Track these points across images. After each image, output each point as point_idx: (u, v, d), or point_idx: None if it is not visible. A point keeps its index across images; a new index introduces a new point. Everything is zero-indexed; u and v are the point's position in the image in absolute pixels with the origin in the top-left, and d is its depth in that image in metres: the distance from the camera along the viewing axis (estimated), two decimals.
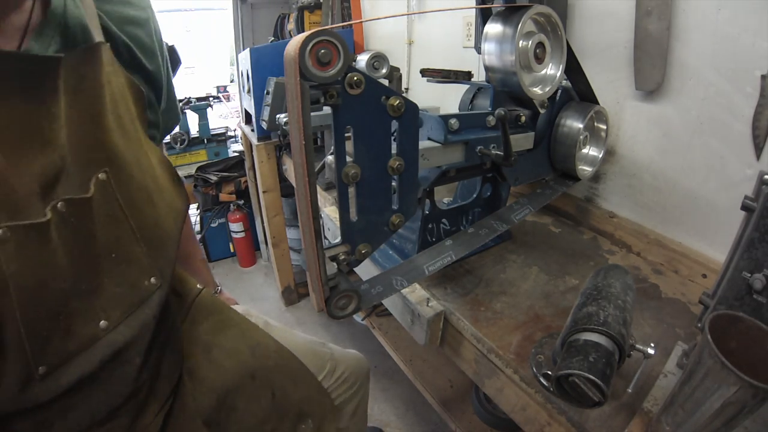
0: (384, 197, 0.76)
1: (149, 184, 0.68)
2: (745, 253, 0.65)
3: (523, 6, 0.93)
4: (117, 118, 0.63)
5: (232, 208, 3.37)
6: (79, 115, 0.58)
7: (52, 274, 0.55)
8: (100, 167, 0.60)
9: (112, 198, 0.61)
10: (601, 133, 1.19)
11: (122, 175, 0.63)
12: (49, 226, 0.54)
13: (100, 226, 0.60)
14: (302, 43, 0.54)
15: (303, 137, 0.59)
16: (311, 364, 1.06)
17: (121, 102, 0.65)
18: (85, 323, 0.60)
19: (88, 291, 0.60)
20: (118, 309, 0.64)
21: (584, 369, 0.63)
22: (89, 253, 0.59)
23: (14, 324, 0.52)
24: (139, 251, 0.66)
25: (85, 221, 0.58)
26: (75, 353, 0.59)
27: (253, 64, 2.16)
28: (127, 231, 0.64)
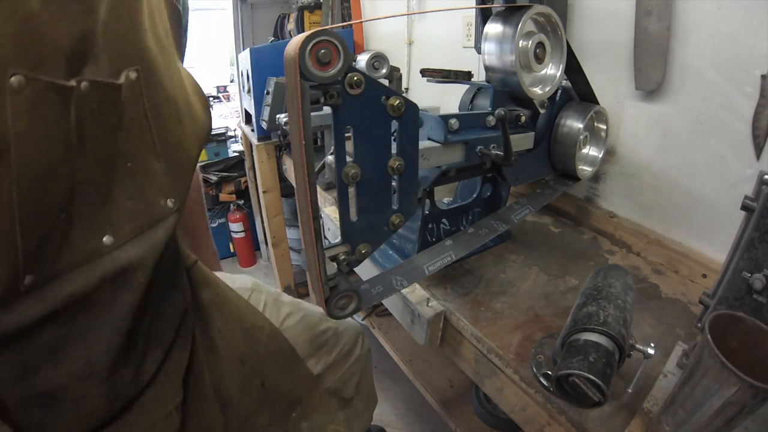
0: (384, 197, 0.76)
1: (179, 100, 0.63)
2: (745, 253, 0.65)
3: (523, 6, 0.93)
4: (152, 24, 0.58)
5: (232, 208, 3.38)
6: (119, 4, 0.51)
7: (63, 158, 0.47)
8: (132, 64, 0.53)
9: (139, 101, 0.55)
10: (601, 133, 1.19)
11: (152, 80, 0.57)
12: (71, 94, 0.46)
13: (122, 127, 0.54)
14: (302, 43, 0.54)
15: (303, 137, 0.59)
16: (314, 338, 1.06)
17: (156, 11, 0.60)
18: (88, 234, 0.52)
19: (97, 197, 0.52)
20: (128, 225, 0.56)
21: (584, 369, 0.63)
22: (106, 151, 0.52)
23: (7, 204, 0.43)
24: (158, 167, 0.59)
25: (107, 112, 0.51)
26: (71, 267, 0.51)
27: (253, 64, 2.16)
28: (148, 141, 0.57)
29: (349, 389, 1.24)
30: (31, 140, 0.43)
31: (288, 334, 1.02)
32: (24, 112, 0.42)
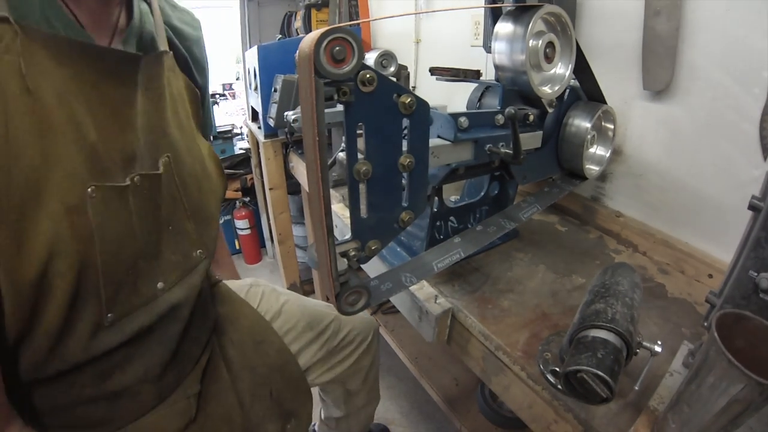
0: (394, 194, 0.77)
1: (198, 171, 0.82)
2: (751, 252, 0.65)
3: (534, 5, 0.93)
4: (174, 114, 0.77)
5: (238, 205, 3.39)
6: (150, 106, 0.71)
7: (128, 233, 0.66)
8: (165, 152, 0.73)
9: (172, 179, 0.74)
10: (608, 133, 1.20)
11: (178, 161, 0.76)
12: (128, 190, 0.65)
13: (164, 201, 0.73)
14: (318, 40, 0.55)
15: (316, 134, 0.59)
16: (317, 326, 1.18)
17: (178, 100, 0.79)
18: (148, 282, 0.72)
19: (152, 255, 0.72)
20: (174, 273, 0.76)
21: (593, 365, 0.64)
22: (155, 221, 0.71)
23: (95, 270, 0.62)
24: (190, 227, 0.79)
25: (153, 194, 0.70)
26: (138, 307, 0.71)
27: (260, 61, 2.16)
28: (180, 208, 0.77)
29: (356, 382, 1.27)
30: (107, 227, 0.62)
31: (287, 316, 1.15)
32: (99, 210, 0.60)
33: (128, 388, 0.75)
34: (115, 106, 0.65)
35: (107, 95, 0.63)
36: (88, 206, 0.59)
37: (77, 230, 0.59)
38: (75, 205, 0.58)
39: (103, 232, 0.61)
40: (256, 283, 1.22)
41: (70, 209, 0.58)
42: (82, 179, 0.58)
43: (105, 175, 0.62)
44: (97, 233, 0.61)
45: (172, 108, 0.76)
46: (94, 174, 0.60)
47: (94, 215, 0.60)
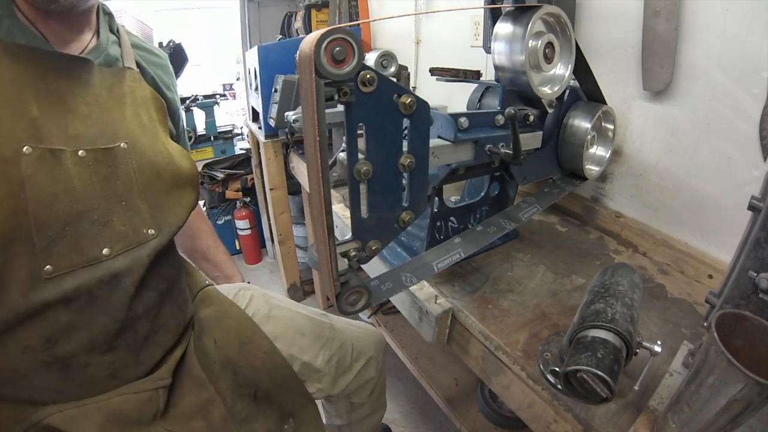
0: (395, 194, 0.77)
1: (161, 163, 0.91)
2: (751, 252, 0.65)
3: (533, 6, 0.93)
4: (136, 115, 0.90)
5: (239, 206, 3.39)
6: (110, 105, 0.85)
7: (65, 191, 0.75)
8: (123, 139, 0.85)
9: (129, 162, 0.85)
10: (608, 133, 1.20)
11: (136, 149, 0.87)
12: (64, 154, 0.75)
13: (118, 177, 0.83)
14: (318, 41, 0.55)
15: (317, 134, 0.59)
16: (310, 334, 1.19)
17: (141, 106, 0.92)
18: (91, 245, 0.79)
19: (99, 222, 0.80)
20: (121, 243, 0.83)
21: (592, 365, 0.64)
22: (104, 192, 0.81)
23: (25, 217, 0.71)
24: (143, 207, 0.87)
25: (101, 168, 0.81)
26: (78, 265, 0.77)
27: (261, 61, 2.17)
28: (135, 189, 0.86)
29: (362, 396, 1.28)
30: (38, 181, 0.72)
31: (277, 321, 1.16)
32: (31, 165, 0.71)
33: (75, 357, 0.80)
34: (60, 95, 0.77)
35: (53, 85, 0.77)
36: (21, 160, 0.70)
37: (7, 177, 0.69)
38: (8, 158, 0.69)
39: (34, 184, 0.71)
40: (246, 287, 1.24)
41: (3, 159, 0.68)
42: (18, 138, 0.70)
43: (42, 141, 0.73)
44: (28, 184, 0.70)
45: (133, 110, 0.90)
46: (32, 139, 0.72)
47: (25, 168, 0.70)
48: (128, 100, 0.89)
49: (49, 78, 0.76)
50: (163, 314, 0.94)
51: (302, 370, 1.14)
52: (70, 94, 0.79)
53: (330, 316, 1.28)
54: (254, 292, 1.22)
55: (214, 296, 1.14)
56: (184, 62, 3.69)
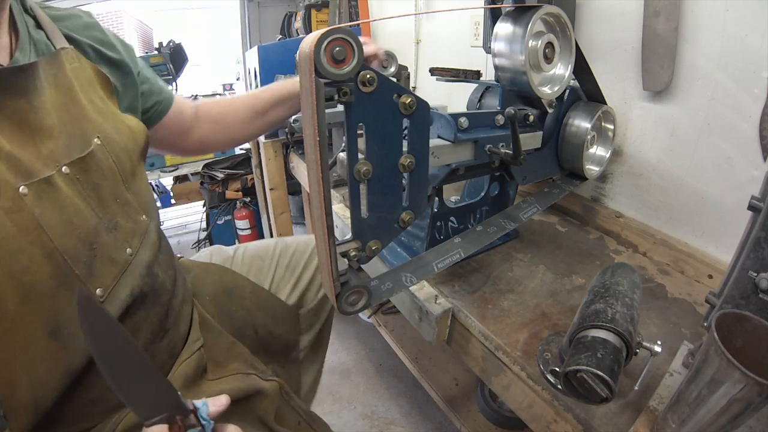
0: (395, 194, 0.77)
1: (128, 144, 0.87)
2: (751, 252, 0.65)
3: (533, 6, 0.93)
4: (90, 101, 0.83)
5: (239, 206, 3.38)
6: (64, 101, 0.77)
7: (74, 213, 0.72)
8: (94, 134, 0.79)
9: (108, 155, 0.81)
10: (608, 133, 1.20)
11: (108, 139, 0.82)
12: (55, 178, 0.70)
13: (106, 177, 0.79)
14: (318, 41, 0.55)
15: (317, 134, 0.59)
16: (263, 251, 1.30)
17: (89, 89, 0.85)
18: (118, 251, 0.78)
19: (111, 227, 0.78)
20: (135, 238, 0.83)
21: (592, 365, 0.64)
22: (101, 198, 0.78)
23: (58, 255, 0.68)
24: (129, 197, 0.84)
25: (89, 175, 0.76)
26: (118, 275, 0.77)
27: (261, 61, 2.17)
28: (120, 180, 0.83)
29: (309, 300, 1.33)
30: (48, 215, 0.67)
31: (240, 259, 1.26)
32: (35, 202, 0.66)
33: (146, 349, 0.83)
34: (19, 118, 0.69)
35: (9, 110, 0.68)
36: (25, 202, 0.65)
37: (21, 225, 0.64)
38: (10, 207, 0.64)
39: (48, 219, 0.67)
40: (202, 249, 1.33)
41: (8, 210, 0.63)
42: (9, 184, 0.64)
43: (31, 174, 0.67)
44: (43, 222, 0.66)
45: (86, 96, 0.82)
46: (20, 176, 0.66)
47: (33, 208, 0.66)
48: (77, 87, 0.81)
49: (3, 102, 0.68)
50: (179, 283, 0.98)
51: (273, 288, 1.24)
52: (32, 110, 0.72)
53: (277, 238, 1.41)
54: (211, 250, 1.30)
55: (189, 264, 1.19)
56: (184, 62, 3.70)
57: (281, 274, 1.28)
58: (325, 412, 2.17)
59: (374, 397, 2.27)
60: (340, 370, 2.42)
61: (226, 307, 1.11)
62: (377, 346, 2.56)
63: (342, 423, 2.13)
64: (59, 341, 0.68)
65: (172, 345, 0.91)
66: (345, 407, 2.22)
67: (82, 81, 0.83)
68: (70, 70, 0.81)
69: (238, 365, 0.98)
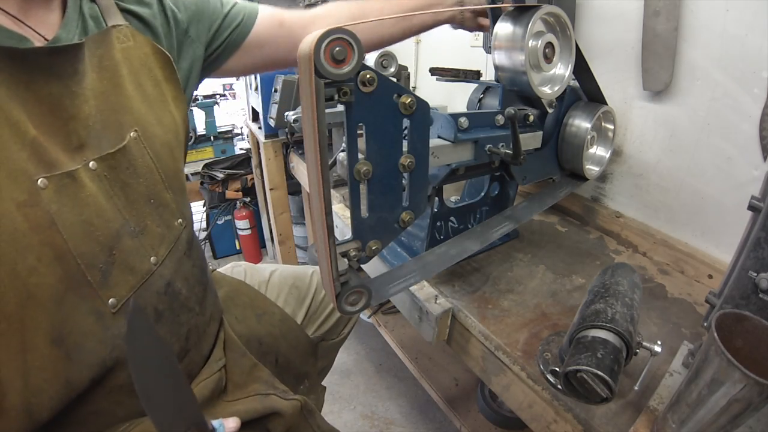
0: (395, 194, 0.77)
1: (171, 140, 0.81)
2: (751, 252, 0.65)
3: (533, 6, 0.93)
4: (138, 86, 0.76)
5: (239, 206, 3.39)
6: (105, 87, 0.71)
7: (96, 213, 0.66)
8: (131, 127, 0.73)
9: (144, 151, 0.75)
10: (608, 133, 1.20)
11: (148, 133, 0.76)
12: (80, 173, 0.65)
13: (139, 175, 0.74)
14: (318, 41, 0.55)
15: (317, 134, 0.59)
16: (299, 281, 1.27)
17: (141, 70, 0.78)
18: (140, 259, 0.73)
19: (138, 231, 0.73)
20: (163, 246, 0.78)
21: (592, 365, 0.64)
22: (130, 198, 0.72)
23: (70, 258, 0.63)
24: (168, 197, 0.80)
25: (118, 172, 0.71)
26: (136, 285, 0.72)
27: None
28: (158, 179, 0.77)
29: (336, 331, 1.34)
30: (66, 212, 0.62)
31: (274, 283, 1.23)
32: (53, 198, 0.61)
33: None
34: (52, 102, 0.64)
35: (41, 93, 0.62)
36: (42, 197, 0.60)
37: (33, 222, 0.59)
38: (25, 200, 0.58)
39: (64, 218, 0.62)
40: (236, 264, 1.28)
41: (21, 204, 0.58)
42: (27, 175, 0.59)
43: (54, 165, 0.62)
44: (58, 221, 0.61)
45: (134, 81, 0.76)
46: (41, 167, 0.61)
47: (49, 204, 0.60)
48: (124, 71, 0.74)
49: (36, 83, 0.62)
50: (208, 303, 0.93)
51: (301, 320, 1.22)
52: (68, 95, 0.65)
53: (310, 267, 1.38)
54: (246, 267, 1.27)
55: (221, 278, 1.16)
56: None
57: (315, 308, 1.26)
58: (325, 412, 2.15)
59: (374, 397, 2.27)
60: (340, 370, 2.42)
61: (255, 330, 1.08)
62: (377, 346, 2.56)
63: (342, 423, 2.13)
64: (62, 350, 0.64)
65: (191, 366, 0.88)
66: (345, 407, 2.22)
67: (133, 62, 0.76)
68: (120, 50, 0.74)
69: (258, 386, 0.95)
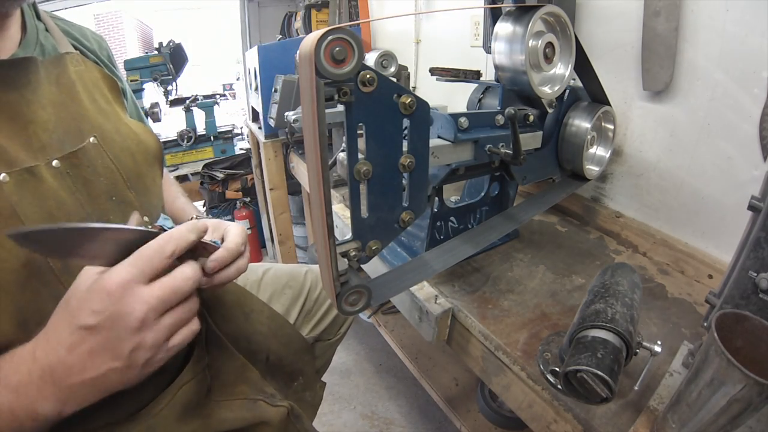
0: (395, 194, 0.77)
1: (131, 146, 0.88)
2: (751, 252, 0.65)
3: (533, 6, 0.93)
4: (92, 101, 0.85)
5: (239, 206, 3.39)
6: (64, 99, 0.79)
7: (56, 206, 0.71)
8: (90, 133, 0.80)
9: (104, 154, 0.81)
10: (608, 133, 1.20)
11: (107, 139, 0.83)
12: (40, 169, 0.70)
13: (100, 174, 0.79)
14: (318, 40, 0.55)
15: (317, 134, 0.59)
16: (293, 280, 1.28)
17: (94, 90, 0.87)
18: None
19: None
20: None
21: (592, 365, 0.64)
22: (92, 195, 0.77)
23: None
24: (131, 196, 0.84)
25: (80, 170, 0.76)
26: None
27: (261, 61, 2.17)
28: (119, 179, 0.82)
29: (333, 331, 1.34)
30: (27, 204, 0.67)
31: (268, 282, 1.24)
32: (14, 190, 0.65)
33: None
34: (10, 110, 0.70)
35: (2, 99, 0.69)
36: (4, 190, 0.64)
37: None
38: None
39: (25, 208, 0.66)
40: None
41: None
42: None
43: (15, 163, 0.67)
44: (19, 210, 0.65)
45: (88, 96, 0.84)
46: (2, 164, 0.66)
47: (10, 195, 0.65)
48: (79, 88, 0.83)
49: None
50: None
51: (294, 319, 1.22)
52: (24, 103, 0.72)
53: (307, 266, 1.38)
54: None
55: None
56: (184, 62, 3.70)
57: (309, 307, 1.27)
58: (325, 412, 2.17)
59: (374, 397, 2.27)
60: (340, 370, 2.42)
61: (243, 329, 1.07)
62: (377, 346, 2.56)
63: (342, 423, 2.13)
64: (26, 333, 0.64)
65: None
66: (345, 407, 2.22)
67: (86, 82, 0.85)
68: (74, 72, 0.83)
69: (246, 389, 0.95)
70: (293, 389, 1.14)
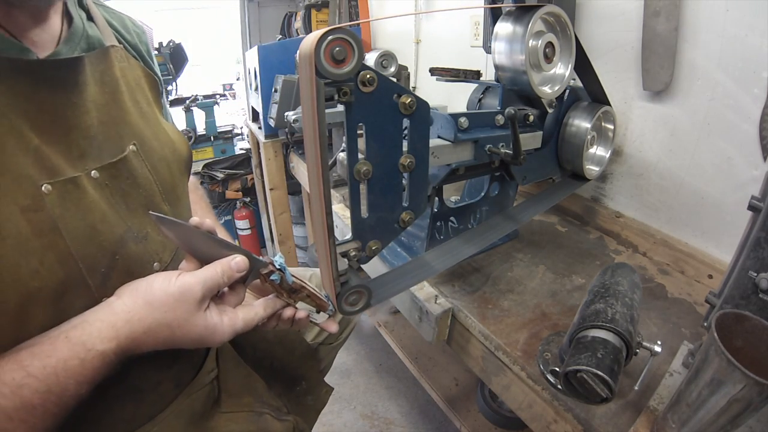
0: (395, 194, 0.77)
1: (168, 155, 0.84)
2: (751, 252, 0.65)
3: (533, 6, 0.93)
4: (134, 103, 0.80)
5: (239, 206, 3.39)
6: (107, 100, 0.74)
7: (100, 219, 0.68)
8: (130, 140, 0.76)
9: (143, 163, 0.77)
10: (608, 133, 1.20)
11: (146, 147, 0.79)
12: (81, 180, 0.66)
13: (139, 186, 0.76)
14: (318, 40, 0.55)
15: (317, 134, 0.59)
16: None
17: (137, 90, 0.82)
18: (142, 265, 0.74)
19: (140, 238, 0.74)
20: (166, 253, 0.79)
21: (592, 365, 0.64)
22: (131, 207, 0.74)
23: (72, 262, 0.64)
24: (166, 209, 0.81)
25: (119, 181, 0.73)
26: None
27: (261, 61, 2.17)
28: (156, 191, 0.79)
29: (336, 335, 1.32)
30: (69, 218, 0.63)
31: None
32: (57, 203, 0.62)
33: (148, 379, 0.78)
34: (54, 113, 0.66)
35: (44, 104, 0.64)
36: (46, 202, 0.61)
37: (36, 226, 0.60)
38: (28, 205, 0.60)
39: (67, 223, 0.63)
40: None
41: (25, 209, 0.59)
42: (32, 180, 0.61)
43: (58, 172, 0.64)
44: (61, 225, 0.62)
45: (131, 98, 0.80)
46: (45, 173, 0.62)
47: (52, 209, 0.62)
48: (123, 87, 0.78)
49: (39, 94, 0.64)
50: None
51: None
52: (70, 106, 0.68)
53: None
54: None
55: None
56: (184, 62, 3.70)
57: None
58: (325, 411, 2.16)
59: (374, 397, 2.27)
60: (340, 370, 2.42)
61: (248, 337, 1.01)
62: (377, 346, 2.56)
63: (342, 423, 2.13)
64: None
65: (180, 375, 0.85)
66: (345, 407, 2.22)
67: (129, 81, 0.81)
68: (118, 68, 0.78)
69: (252, 400, 0.95)
70: (295, 393, 1.13)
